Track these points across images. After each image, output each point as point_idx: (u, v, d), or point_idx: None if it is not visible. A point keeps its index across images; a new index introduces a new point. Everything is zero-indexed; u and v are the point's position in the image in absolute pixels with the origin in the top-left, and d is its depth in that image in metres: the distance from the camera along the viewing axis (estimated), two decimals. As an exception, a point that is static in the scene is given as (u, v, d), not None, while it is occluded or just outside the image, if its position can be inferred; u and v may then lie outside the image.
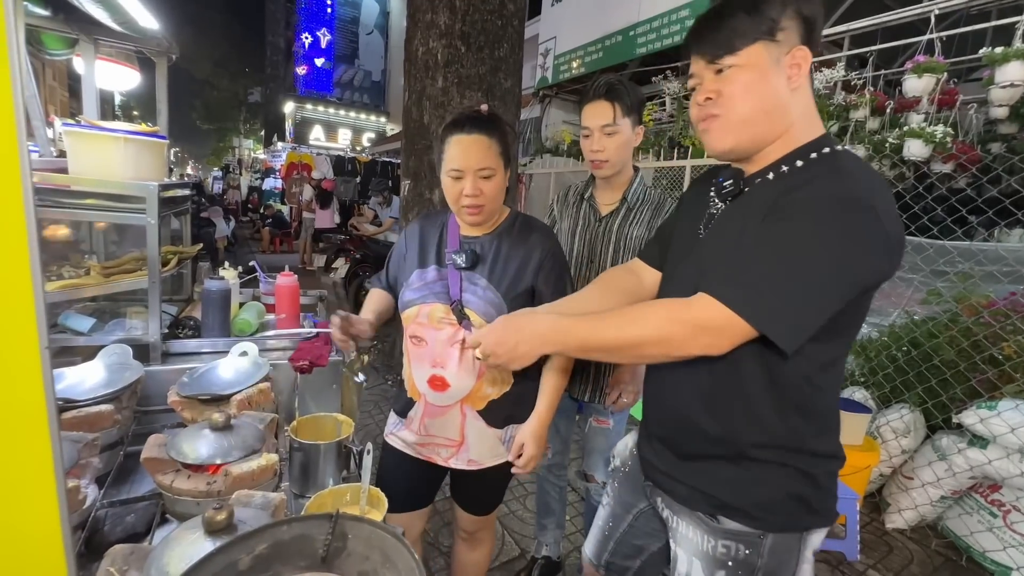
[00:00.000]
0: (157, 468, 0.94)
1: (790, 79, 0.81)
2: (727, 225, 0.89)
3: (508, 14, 3.39)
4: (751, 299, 0.74)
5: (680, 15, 5.31)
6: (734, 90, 0.82)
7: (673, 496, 0.96)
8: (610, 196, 1.56)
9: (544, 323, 0.88)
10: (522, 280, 1.21)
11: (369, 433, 2.97)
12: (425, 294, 1.23)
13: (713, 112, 0.85)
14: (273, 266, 2.07)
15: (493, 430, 1.27)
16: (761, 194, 0.84)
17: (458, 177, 1.15)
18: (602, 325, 0.82)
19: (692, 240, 0.97)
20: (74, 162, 1.38)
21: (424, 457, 1.32)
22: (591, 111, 1.46)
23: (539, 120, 7.98)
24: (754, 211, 0.82)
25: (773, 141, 0.85)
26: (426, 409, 1.28)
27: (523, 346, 0.88)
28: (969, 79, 4.27)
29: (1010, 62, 2.82)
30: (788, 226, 0.75)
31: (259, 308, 1.83)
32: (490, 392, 1.24)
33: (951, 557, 2.25)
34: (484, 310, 1.18)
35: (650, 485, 1.03)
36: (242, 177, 20.38)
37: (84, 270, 1.50)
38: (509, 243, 1.24)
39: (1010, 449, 2.07)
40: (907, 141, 2.99)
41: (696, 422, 0.90)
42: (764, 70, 0.80)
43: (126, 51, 1.92)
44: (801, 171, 0.82)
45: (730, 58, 0.81)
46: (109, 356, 1.30)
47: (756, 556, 0.85)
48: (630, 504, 1.11)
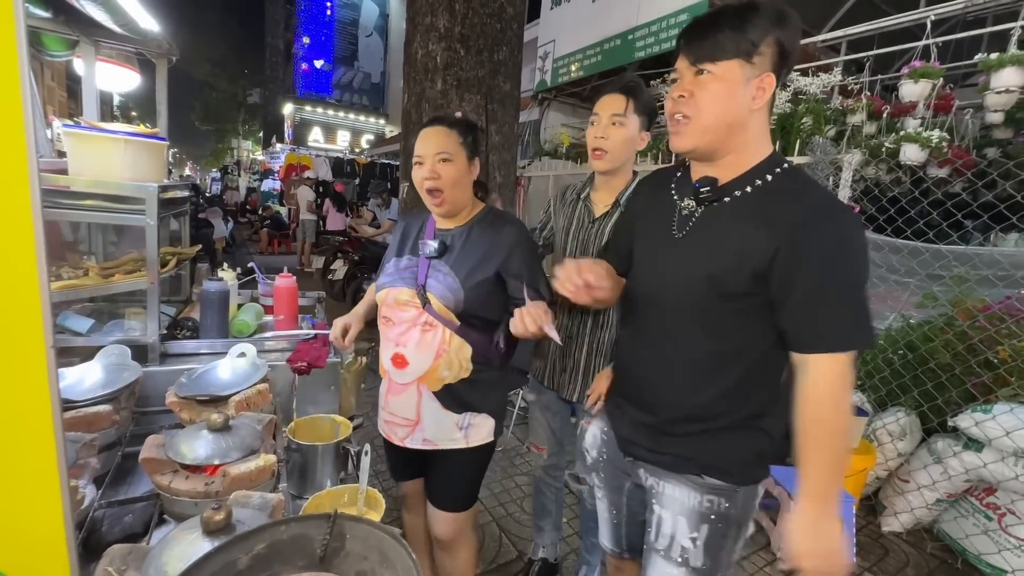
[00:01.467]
0: (155, 468, 0.94)
1: (753, 99, 0.91)
2: (714, 228, 0.97)
3: (507, 17, 3.41)
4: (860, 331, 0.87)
5: (679, 19, 5.33)
6: (705, 96, 0.91)
7: (660, 465, 1.05)
8: (606, 197, 1.57)
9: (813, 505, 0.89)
10: (483, 269, 1.29)
11: (367, 435, 2.96)
12: (394, 278, 1.34)
13: (684, 111, 0.94)
14: (271, 267, 2.07)
15: (449, 413, 1.33)
16: (746, 205, 0.94)
17: (419, 163, 1.28)
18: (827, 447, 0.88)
19: (666, 239, 1.04)
20: (74, 163, 1.38)
21: (386, 435, 1.41)
22: (605, 101, 1.48)
23: (538, 123, 7.99)
24: (745, 219, 0.93)
25: (730, 151, 0.95)
26: (389, 387, 1.37)
27: (835, 537, 0.87)
28: (965, 84, 4.30)
29: (1005, 68, 2.84)
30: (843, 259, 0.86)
31: (257, 309, 1.84)
32: (446, 375, 1.30)
33: (947, 560, 2.26)
34: (442, 294, 1.27)
35: (630, 460, 1.12)
36: (240, 178, 20.38)
37: (83, 271, 1.51)
38: (478, 234, 1.33)
39: (1005, 452, 2.08)
40: (903, 146, 3.00)
41: (690, 408, 1.00)
42: (734, 86, 0.90)
43: (126, 53, 1.93)
44: (776, 184, 0.93)
45: (709, 65, 0.90)
46: (107, 357, 1.30)
47: (732, 507, 0.99)
48: (619, 486, 1.19)
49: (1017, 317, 2.31)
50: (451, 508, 1.41)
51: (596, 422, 1.27)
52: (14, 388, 0.41)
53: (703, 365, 0.99)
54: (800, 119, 3.48)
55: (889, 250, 2.73)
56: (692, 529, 1.00)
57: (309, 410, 1.49)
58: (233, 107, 27.91)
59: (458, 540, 1.45)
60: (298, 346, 1.59)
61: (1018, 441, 2.01)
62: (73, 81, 6.83)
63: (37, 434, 0.43)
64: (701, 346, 0.98)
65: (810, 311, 0.87)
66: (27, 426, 0.42)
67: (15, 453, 0.43)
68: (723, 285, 0.93)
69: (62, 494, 0.46)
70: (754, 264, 0.90)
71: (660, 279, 1.04)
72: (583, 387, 1.61)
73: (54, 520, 0.46)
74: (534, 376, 1.73)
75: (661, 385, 1.04)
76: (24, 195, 0.38)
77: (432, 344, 1.29)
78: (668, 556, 1.02)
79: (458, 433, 1.34)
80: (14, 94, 0.38)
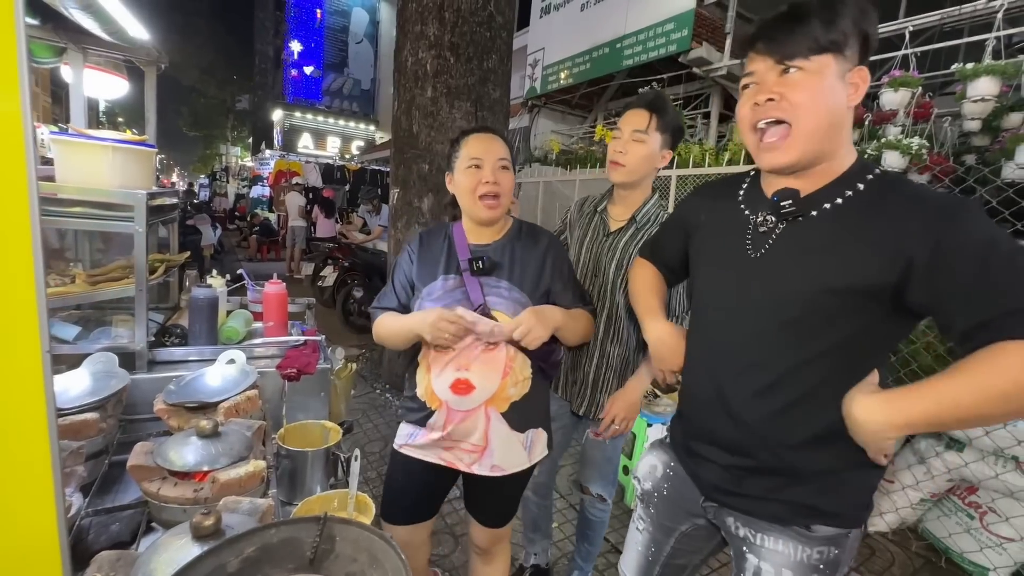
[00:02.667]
0: (143, 475, 0.94)
1: (849, 97, 0.81)
2: (803, 245, 0.86)
3: (497, 26, 3.44)
4: None
5: (665, 28, 5.42)
6: (803, 97, 0.80)
7: (757, 515, 0.94)
8: (622, 212, 1.54)
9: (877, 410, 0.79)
10: (541, 280, 1.28)
11: (357, 441, 2.95)
12: (448, 302, 1.23)
13: (778, 116, 0.82)
14: (260, 274, 2.07)
15: (515, 434, 1.26)
16: (843, 217, 0.83)
17: (478, 166, 1.23)
18: (954, 387, 0.73)
19: (740, 257, 0.93)
20: (61, 170, 1.38)
21: (446, 462, 1.29)
22: (629, 116, 1.46)
23: (528, 129, 8.05)
24: (846, 233, 0.81)
25: (826, 158, 0.84)
26: (449, 416, 1.24)
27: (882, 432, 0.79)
28: (944, 93, 4.42)
29: (981, 77, 2.93)
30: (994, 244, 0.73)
31: (247, 316, 1.83)
32: (512, 393, 1.24)
33: (931, 559, 2.30)
34: (512, 309, 1.22)
35: (714, 506, 1.00)
36: (229, 184, 20.23)
37: (69, 278, 1.50)
38: (521, 247, 1.30)
39: (985, 452, 2.13)
40: (885, 152, 3.08)
41: (800, 444, 0.87)
42: (832, 81, 0.80)
43: (115, 60, 1.93)
44: (873, 192, 0.82)
45: (802, 61, 0.79)
46: (94, 364, 1.29)
47: (842, 552, 0.89)
48: (671, 528, 1.09)
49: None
50: (499, 524, 1.40)
51: (657, 453, 1.15)
52: (9, 393, 0.42)
53: (808, 393, 0.86)
54: (784, 126, 3.55)
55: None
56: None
57: (299, 416, 1.49)
58: (222, 113, 27.77)
59: (499, 548, 1.46)
60: (288, 352, 1.59)
61: (997, 440, 2.06)
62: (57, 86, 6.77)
63: (31, 440, 0.43)
64: (804, 374, 0.85)
65: (985, 304, 0.72)
66: (22, 432, 0.43)
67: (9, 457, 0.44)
68: (819, 306, 0.83)
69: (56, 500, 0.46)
70: (869, 280, 0.79)
71: (739, 302, 0.93)
72: (591, 401, 1.58)
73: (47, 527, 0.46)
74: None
75: (759, 422, 0.90)
76: (23, 204, 0.39)
77: (498, 363, 1.22)
78: None
79: (524, 453, 1.29)
80: (14, 102, 0.38)
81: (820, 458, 0.87)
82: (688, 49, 5.15)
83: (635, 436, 2.62)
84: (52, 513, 0.46)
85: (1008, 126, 3.13)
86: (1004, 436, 2.04)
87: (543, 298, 1.28)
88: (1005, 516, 2.11)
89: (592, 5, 6.51)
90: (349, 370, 1.80)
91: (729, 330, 0.95)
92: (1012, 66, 2.90)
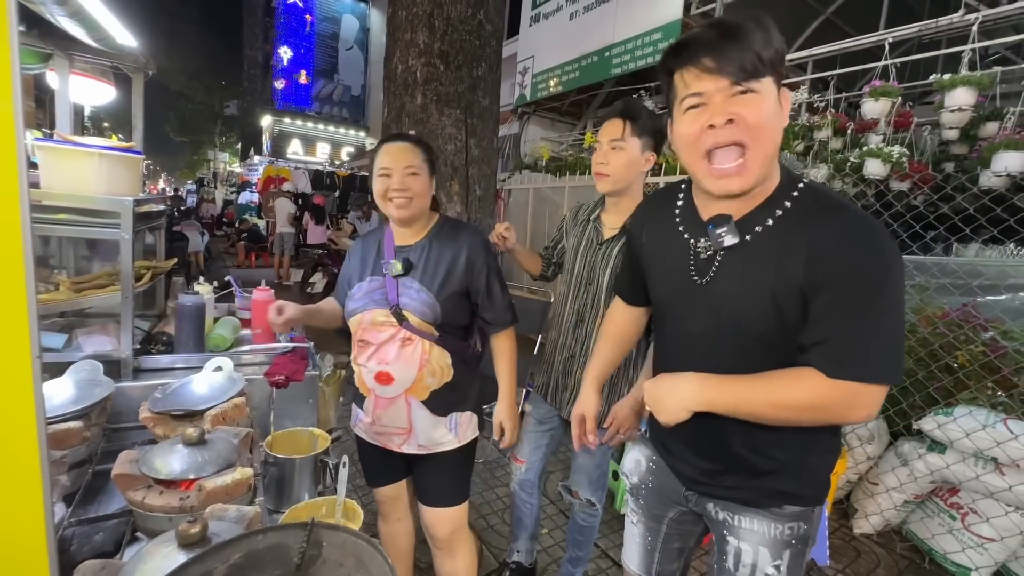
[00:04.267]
0: (128, 484, 0.93)
1: (782, 120, 0.82)
2: (741, 271, 0.89)
3: (486, 34, 3.47)
4: (890, 366, 0.80)
5: (653, 37, 5.50)
6: (758, 119, 0.78)
7: (735, 500, 1.02)
8: (615, 220, 1.56)
9: (694, 382, 0.91)
10: (451, 281, 1.34)
11: (346, 448, 2.93)
12: (366, 302, 1.36)
13: (739, 139, 0.79)
14: (249, 281, 2.06)
15: (437, 417, 1.38)
16: (774, 239, 0.85)
17: (387, 175, 1.31)
18: (757, 388, 0.86)
19: (686, 283, 0.96)
20: (47, 177, 1.36)
21: (382, 444, 1.43)
22: (605, 128, 1.51)
23: (518, 136, 8.09)
24: (775, 256, 0.84)
25: (768, 181, 0.86)
26: (376, 402, 1.39)
27: (668, 400, 0.93)
28: (923, 102, 4.53)
29: (958, 88, 3.01)
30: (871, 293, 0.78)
31: (234, 323, 1.82)
32: (431, 383, 1.35)
33: (915, 560, 2.33)
34: (420, 311, 1.31)
35: (694, 495, 1.08)
36: (217, 191, 20.05)
37: (54, 285, 1.48)
38: (438, 247, 1.37)
39: (966, 453, 2.17)
40: (866, 161, 3.15)
41: (768, 455, 0.95)
42: (775, 103, 0.79)
43: (101, 66, 1.92)
44: (798, 208, 0.84)
45: (755, 83, 0.77)
46: (78, 372, 1.28)
47: (810, 527, 0.99)
48: (660, 516, 1.17)
49: (973, 323, 2.42)
50: (447, 503, 1.45)
51: (639, 448, 1.23)
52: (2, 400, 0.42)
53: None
54: (769, 135, 3.61)
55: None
56: (775, 557, 0.99)
57: (287, 423, 1.48)
58: (210, 119, 27.54)
59: (457, 538, 1.49)
60: (276, 359, 1.58)
61: (977, 442, 2.10)
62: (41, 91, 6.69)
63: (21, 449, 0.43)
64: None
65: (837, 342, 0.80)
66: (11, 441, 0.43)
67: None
68: (765, 327, 0.87)
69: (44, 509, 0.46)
70: (793, 296, 0.83)
71: (692, 327, 0.98)
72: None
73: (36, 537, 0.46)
74: (536, 390, 1.75)
75: (720, 432, 0.97)
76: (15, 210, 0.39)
77: (414, 357, 1.33)
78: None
79: (449, 435, 1.40)
80: (6, 109, 0.39)
81: (780, 456, 0.95)
82: (675, 58, 5.21)
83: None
84: (41, 523, 0.46)
85: (985, 135, 3.22)
86: (984, 438, 2.08)
87: (453, 298, 1.33)
88: (986, 517, 2.15)
89: (581, 14, 6.58)
90: (338, 376, 1.80)
91: (686, 353, 1.01)
92: (987, 77, 2.99)
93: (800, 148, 3.71)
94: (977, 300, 2.52)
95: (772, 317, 0.85)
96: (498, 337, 1.46)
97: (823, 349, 0.81)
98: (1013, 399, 2.27)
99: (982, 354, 2.36)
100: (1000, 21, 3.61)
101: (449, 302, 1.34)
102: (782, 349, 0.88)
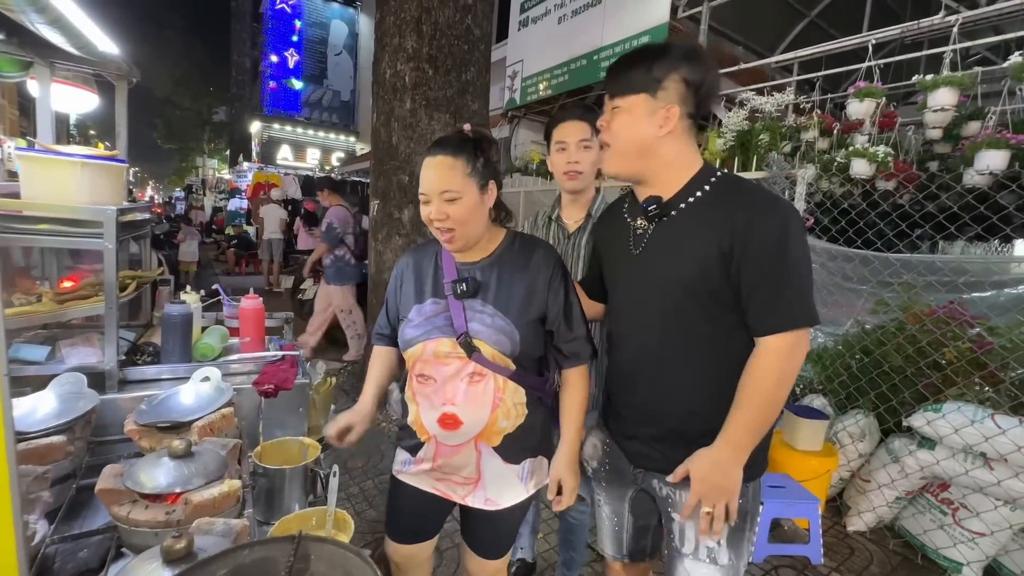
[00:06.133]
0: (113, 499, 0.92)
1: (660, 127, 1.01)
2: (668, 239, 1.06)
3: (475, 39, 3.48)
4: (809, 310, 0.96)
5: (641, 40, 5.53)
6: (616, 126, 1.05)
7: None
8: (576, 213, 1.64)
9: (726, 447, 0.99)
10: (532, 304, 1.15)
11: (338, 456, 2.91)
12: (428, 329, 1.16)
13: (605, 139, 1.08)
14: (238, 288, 2.04)
15: (510, 466, 1.19)
16: (694, 213, 1.03)
17: (426, 201, 1.13)
18: (758, 410, 0.97)
19: (626, 256, 1.13)
20: (28, 187, 1.34)
21: (440, 493, 1.25)
22: (568, 128, 1.55)
23: (508, 140, 8.11)
24: (695, 226, 1.02)
25: (653, 172, 1.06)
26: (438, 450, 1.19)
27: (724, 484, 1.00)
28: (907, 102, 4.59)
29: (940, 88, 3.05)
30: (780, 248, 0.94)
31: (222, 332, 1.80)
32: (505, 426, 1.16)
33: (908, 556, 2.34)
34: (495, 339, 1.12)
35: (641, 472, 1.16)
36: (206, 197, 19.90)
37: (36, 297, 1.46)
38: (511, 266, 1.18)
39: (955, 449, 2.19)
40: (853, 160, 3.17)
41: (701, 416, 1.05)
42: (639, 117, 1.02)
43: (84, 74, 1.89)
44: (716, 190, 1.03)
45: (619, 100, 1.03)
46: (62, 385, 1.26)
47: (746, 501, 1.06)
48: (622, 494, 1.22)
49: (959, 320, 2.45)
50: (497, 555, 1.30)
51: (594, 433, 1.29)
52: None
53: (691, 367, 1.05)
54: (757, 136, 3.65)
55: (842, 259, 2.87)
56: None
57: (276, 433, 1.46)
58: (197, 125, 27.31)
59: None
60: (264, 368, 1.57)
61: (966, 438, 2.12)
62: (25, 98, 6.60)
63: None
64: (684, 350, 1.05)
65: (759, 296, 0.96)
66: None
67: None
68: (688, 290, 1.01)
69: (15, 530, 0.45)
70: (712, 264, 0.98)
71: (630, 294, 1.13)
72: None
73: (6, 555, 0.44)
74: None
75: (658, 393, 1.09)
76: None
77: (486, 396, 1.14)
78: (696, 558, 1.08)
79: (519, 485, 1.21)
80: None
81: (711, 419, 1.01)
82: (663, 61, 5.25)
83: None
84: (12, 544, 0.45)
85: (967, 134, 3.26)
86: (972, 433, 2.10)
87: (533, 324, 1.15)
88: (976, 511, 2.17)
89: (569, 18, 6.61)
90: (329, 384, 1.78)
91: (626, 320, 1.15)
92: (968, 77, 3.03)
93: (788, 149, 3.74)
94: (963, 297, 2.55)
95: (694, 278, 1.00)
96: (572, 372, 1.22)
97: (752, 310, 0.97)
98: (1000, 394, 2.30)
99: (969, 350, 2.38)
100: (980, 22, 3.68)
101: (529, 328, 1.14)
102: (702, 307, 1.01)
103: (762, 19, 6.39)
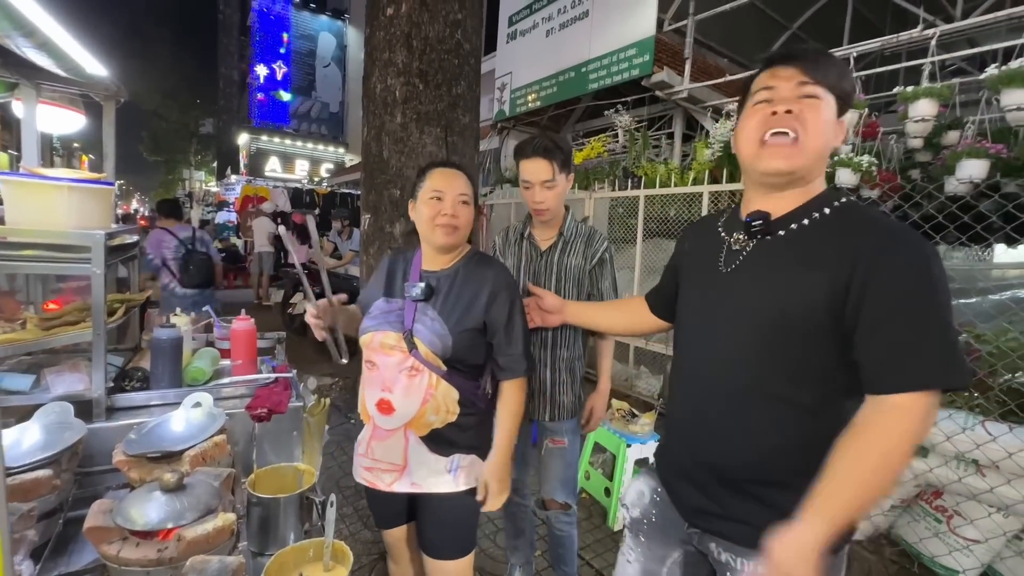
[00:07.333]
0: (102, 538, 0.89)
1: (836, 136, 0.91)
2: (768, 262, 0.93)
3: (465, 53, 3.50)
4: (961, 365, 0.78)
5: (628, 53, 5.61)
6: (816, 118, 0.88)
7: (740, 541, 0.94)
8: (547, 233, 1.73)
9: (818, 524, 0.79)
10: (471, 315, 1.27)
11: (332, 476, 2.86)
12: (380, 322, 1.31)
13: (794, 127, 0.88)
14: (228, 302, 2.01)
15: (436, 456, 1.30)
16: (805, 240, 0.90)
17: (439, 198, 1.27)
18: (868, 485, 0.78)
19: (712, 273, 1.01)
20: (11, 212, 1.31)
21: (368, 483, 1.36)
22: (531, 167, 1.60)
23: (498, 151, 8.15)
24: (805, 253, 0.88)
25: (807, 181, 0.92)
26: (374, 432, 1.33)
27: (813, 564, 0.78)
28: (889, 111, 4.69)
29: (920, 99, 3.12)
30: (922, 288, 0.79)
31: (213, 354, 1.77)
32: (433, 420, 1.28)
33: (904, 565, 2.35)
34: (430, 340, 1.25)
35: (697, 532, 1.01)
36: (193, 211, 19.70)
37: (20, 323, 1.42)
38: (463, 278, 1.32)
39: (947, 456, 2.21)
40: (837, 170, 3.23)
41: (766, 459, 0.90)
42: (831, 117, 0.90)
43: (70, 95, 1.87)
44: (835, 217, 0.89)
45: (820, 88, 0.88)
46: (47, 415, 1.22)
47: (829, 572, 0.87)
48: (663, 556, 1.08)
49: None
50: (449, 556, 1.34)
51: (644, 479, 1.16)
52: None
53: (774, 407, 0.89)
54: (744, 147, 3.70)
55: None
56: None
57: (271, 458, 1.44)
58: (184, 137, 27.13)
59: None
60: (257, 391, 1.53)
61: (958, 445, 2.14)
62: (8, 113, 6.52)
63: None
64: (767, 386, 0.90)
65: (890, 344, 0.79)
66: None
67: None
68: (781, 323, 0.87)
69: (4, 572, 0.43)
70: (819, 298, 0.84)
71: (709, 317, 0.99)
72: (553, 405, 1.70)
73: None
74: None
75: (728, 430, 0.94)
76: None
77: (419, 389, 1.26)
78: None
79: (447, 476, 1.30)
80: None
81: (794, 473, 0.87)
82: (650, 73, 5.33)
83: (614, 457, 2.63)
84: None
85: (947, 143, 3.33)
86: (964, 441, 2.12)
87: (468, 333, 1.26)
88: (970, 519, 2.18)
89: (557, 31, 6.69)
90: (323, 406, 1.75)
91: (703, 345, 1.01)
92: (947, 88, 3.11)
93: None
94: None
95: (792, 312, 0.86)
96: (508, 385, 1.33)
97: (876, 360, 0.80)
98: (989, 401, 2.33)
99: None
100: (956, 35, 3.78)
101: (463, 337, 1.26)
102: (795, 346, 0.87)
103: (745, 32, 6.51)
